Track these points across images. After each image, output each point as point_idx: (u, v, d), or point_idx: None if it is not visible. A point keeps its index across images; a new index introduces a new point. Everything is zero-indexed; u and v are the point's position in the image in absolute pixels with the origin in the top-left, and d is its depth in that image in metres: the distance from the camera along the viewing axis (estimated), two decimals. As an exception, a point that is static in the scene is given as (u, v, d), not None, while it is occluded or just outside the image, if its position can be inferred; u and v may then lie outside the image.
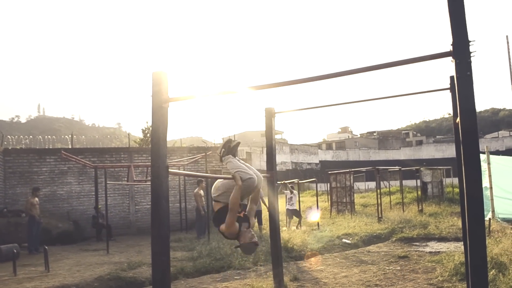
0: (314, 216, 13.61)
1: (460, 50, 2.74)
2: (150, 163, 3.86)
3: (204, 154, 12.74)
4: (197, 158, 14.16)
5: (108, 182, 12.51)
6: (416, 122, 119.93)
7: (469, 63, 2.73)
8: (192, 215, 14.33)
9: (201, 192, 12.87)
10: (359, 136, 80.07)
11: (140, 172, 15.03)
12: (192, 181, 15.23)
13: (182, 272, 7.84)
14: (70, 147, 18.15)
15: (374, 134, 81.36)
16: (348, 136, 78.84)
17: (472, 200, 2.63)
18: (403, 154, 57.56)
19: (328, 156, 57.58)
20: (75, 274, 7.99)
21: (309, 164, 53.40)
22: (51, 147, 18.87)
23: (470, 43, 2.78)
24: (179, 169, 14.00)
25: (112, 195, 15.34)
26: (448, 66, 2.86)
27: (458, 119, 2.86)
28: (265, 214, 12.31)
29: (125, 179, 14.58)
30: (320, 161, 55.31)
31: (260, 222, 12.49)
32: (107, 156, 15.91)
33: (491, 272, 6.00)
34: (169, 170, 3.87)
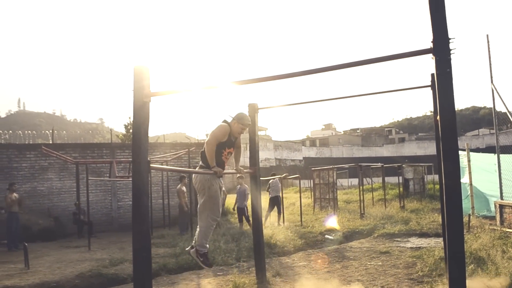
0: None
1: (440, 48, 2.77)
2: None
3: (187, 150, 12.67)
4: (180, 154, 14.10)
5: (89, 178, 12.36)
6: (398, 119, 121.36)
7: (448, 60, 2.76)
8: (175, 211, 14.29)
9: (184, 188, 12.82)
10: (342, 133, 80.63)
11: (122, 168, 14.90)
12: (175, 177, 15.16)
13: (164, 269, 7.79)
14: (51, 142, 17.86)
15: (358, 131, 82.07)
16: (332, 133, 79.39)
17: (450, 191, 2.68)
18: (386, 151, 58.23)
19: (311, 152, 57.91)
20: (55, 271, 7.89)
21: (293, 160, 53.62)
22: (31, 143, 18.56)
23: (450, 41, 2.81)
24: (162, 165, 13.92)
25: (94, 191, 15.18)
26: (429, 64, 2.89)
27: (438, 117, 2.89)
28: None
29: (107, 175, 14.45)
30: (304, 157, 55.59)
31: (248, 220, 12.45)
32: (89, 151, 15.73)
33: (470, 267, 6.11)
34: (151, 165, 3.83)
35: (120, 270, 7.77)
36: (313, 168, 19.91)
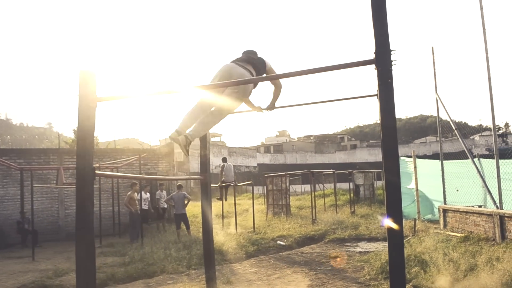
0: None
1: (382, 59, 2.87)
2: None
3: (138, 156, 12.42)
4: (131, 160, 13.81)
5: (35, 185, 11.87)
6: (351, 127, 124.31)
7: (390, 71, 2.86)
8: (125, 219, 13.95)
9: (135, 195, 12.55)
10: (296, 139, 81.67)
11: (70, 175, 14.40)
12: (126, 184, 14.83)
13: (112, 278, 7.58)
14: (-7, 148, 17.03)
15: (311, 138, 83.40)
16: (286, 140, 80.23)
17: (390, 184, 2.78)
18: (338, 157, 59.45)
19: (266, 159, 58.24)
20: (-5, 283, 7.51)
21: (247, 167, 53.71)
22: (-28, 148, 17.61)
23: (391, 52, 2.92)
24: (112, 171, 13.57)
25: (39, 199, 14.57)
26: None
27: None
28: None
29: (54, 182, 13.93)
30: (258, 164, 55.80)
31: (187, 226, 12.38)
32: (35, 157, 15.09)
33: (415, 269, 6.34)
34: (97, 172, 3.73)
35: (65, 281, 7.50)
36: (266, 175, 20.02)
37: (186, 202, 12.49)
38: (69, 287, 7.13)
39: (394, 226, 2.77)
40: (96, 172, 3.71)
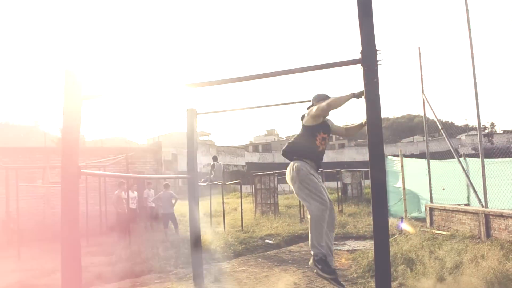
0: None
1: (368, 58, 2.90)
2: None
3: (126, 155, 12.34)
4: (118, 159, 13.71)
5: (20, 184, 11.72)
6: (339, 126, 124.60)
7: (376, 71, 2.88)
8: (113, 218, 13.85)
9: (122, 194, 12.46)
10: (285, 138, 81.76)
11: (57, 174, 14.25)
12: (114, 183, 14.72)
13: (99, 278, 7.52)
14: (-22, 146, 16.79)
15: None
16: (275, 139, 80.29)
17: (376, 186, 2.79)
18: (327, 156, 58.91)
19: (254, 158, 58.30)
20: (-21, 283, 7.41)
21: (235, 166, 53.70)
22: (-44, 147, 17.34)
23: (377, 52, 2.94)
24: (99, 170, 13.47)
25: (25, 198, 14.40)
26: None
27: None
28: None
29: (40, 181, 13.78)
30: (246, 163, 55.82)
31: (175, 225, 12.38)
32: (21, 156, 14.94)
33: (401, 267, 6.39)
34: (82, 170, 3.70)
35: (51, 280, 7.42)
36: (254, 174, 20.03)
37: (173, 201, 12.48)
38: (55, 287, 7.06)
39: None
40: (81, 171, 3.68)
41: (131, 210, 12.80)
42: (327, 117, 4.53)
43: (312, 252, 4.22)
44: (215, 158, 14.55)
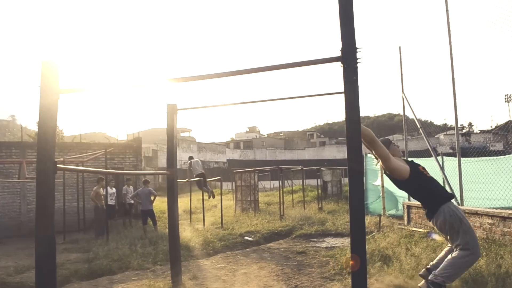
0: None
1: (348, 56, 2.91)
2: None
3: (104, 150, 12.18)
4: (97, 154, 13.54)
5: (-5, 179, 11.50)
6: (320, 124, 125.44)
7: (355, 69, 2.90)
8: (90, 214, 13.68)
9: (101, 190, 12.32)
10: (266, 136, 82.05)
11: (33, 169, 14.00)
12: (92, 179, 14.53)
13: (75, 275, 7.41)
14: (-49, 140, 16.38)
15: (281, 134, 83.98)
16: (256, 136, 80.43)
17: (353, 173, 2.81)
18: (308, 154, 60.07)
19: (235, 155, 58.29)
20: (-49, 280, 7.23)
21: (216, 162, 53.60)
22: None
23: (357, 50, 2.96)
24: (77, 166, 13.28)
25: (0, 194, 14.14)
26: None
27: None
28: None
29: (16, 176, 13.51)
30: (227, 159, 55.78)
31: (154, 222, 12.30)
32: (-4, 151, 14.62)
33: (378, 264, 6.46)
34: (58, 166, 3.64)
35: (26, 278, 7.29)
36: (235, 171, 20.02)
37: (152, 198, 12.39)
38: (30, 284, 6.94)
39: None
40: (58, 166, 3.62)
41: (109, 207, 12.66)
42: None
43: (438, 279, 4.23)
44: (190, 158, 14.58)
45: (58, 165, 3.60)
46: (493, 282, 4.96)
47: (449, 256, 4.30)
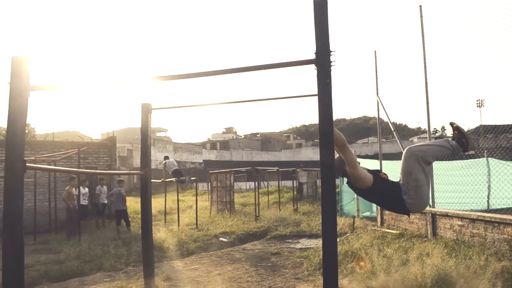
0: None
1: (322, 59, 2.93)
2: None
3: (77, 149, 11.96)
4: (70, 153, 13.28)
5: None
6: (297, 125, 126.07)
7: (329, 72, 2.92)
8: (62, 215, 13.40)
9: (73, 190, 12.08)
10: (243, 137, 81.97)
11: (2, 168, 13.62)
12: (65, 178, 14.24)
13: (46, 276, 7.24)
14: None
15: (258, 135, 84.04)
16: (233, 137, 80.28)
17: (326, 186, 2.84)
18: (284, 155, 60.27)
19: (212, 155, 58.05)
20: None
21: (192, 163, 53.28)
22: None
23: (331, 53, 2.98)
24: (49, 165, 13.00)
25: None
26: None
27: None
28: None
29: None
30: (204, 160, 55.51)
31: (128, 223, 12.14)
32: (-39, 149, 14.18)
33: (351, 265, 6.54)
34: (28, 165, 3.55)
35: (-7, 280, 7.09)
36: (211, 171, 19.94)
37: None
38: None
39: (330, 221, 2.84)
40: (27, 165, 3.54)
41: (82, 207, 12.43)
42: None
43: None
44: (166, 157, 14.47)
45: (27, 164, 3.53)
46: (462, 282, 5.07)
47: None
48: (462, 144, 3.77)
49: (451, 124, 3.93)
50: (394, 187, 3.87)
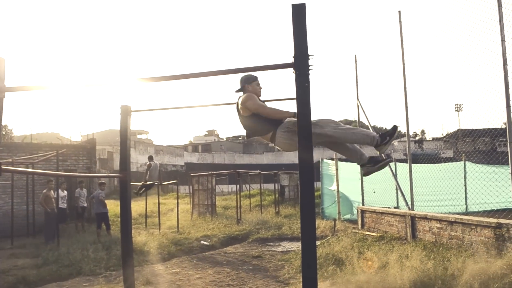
0: None
1: (300, 63, 2.94)
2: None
3: (56, 151, 11.77)
4: (48, 156, 13.06)
5: None
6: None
7: (307, 75, 2.94)
8: (41, 218, 13.17)
9: (51, 193, 11.88)
10: (225, 139, 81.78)
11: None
12: (43, 181, 14.00)
13: (23, 281, 7.10)
14: None
15: (240, 138, 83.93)
16: (215, 139, 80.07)
17: (304, 190, 2.85)
18: (266, 158, 60.39)
19: (193, 158, 57.82)
20: None
21: (174, 166, 52.97)
22: None
23: (309, 57, 3.00)
24: (27, 167, 12.78)
25: None
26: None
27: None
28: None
29: (-40, 178, 12.85)
30: (185, 163, 55.24)
31: (108, 226, 12.01)
32: None
33: (331, 268, 6.57)
34: (3, 167, 3.48)
35: (-33, 285, 6.93)
36: (192, 174, 19.84)
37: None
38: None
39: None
40: (3, 167, 3.46)
41: (60, 210, 12.23)
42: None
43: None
44: (150, 158, 14.24)
45: (3, 167, 3.45)
46: (439, 284, 5.15)
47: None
48: (384, 139, 3.95)
49: (395, 126, 4.00)
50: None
